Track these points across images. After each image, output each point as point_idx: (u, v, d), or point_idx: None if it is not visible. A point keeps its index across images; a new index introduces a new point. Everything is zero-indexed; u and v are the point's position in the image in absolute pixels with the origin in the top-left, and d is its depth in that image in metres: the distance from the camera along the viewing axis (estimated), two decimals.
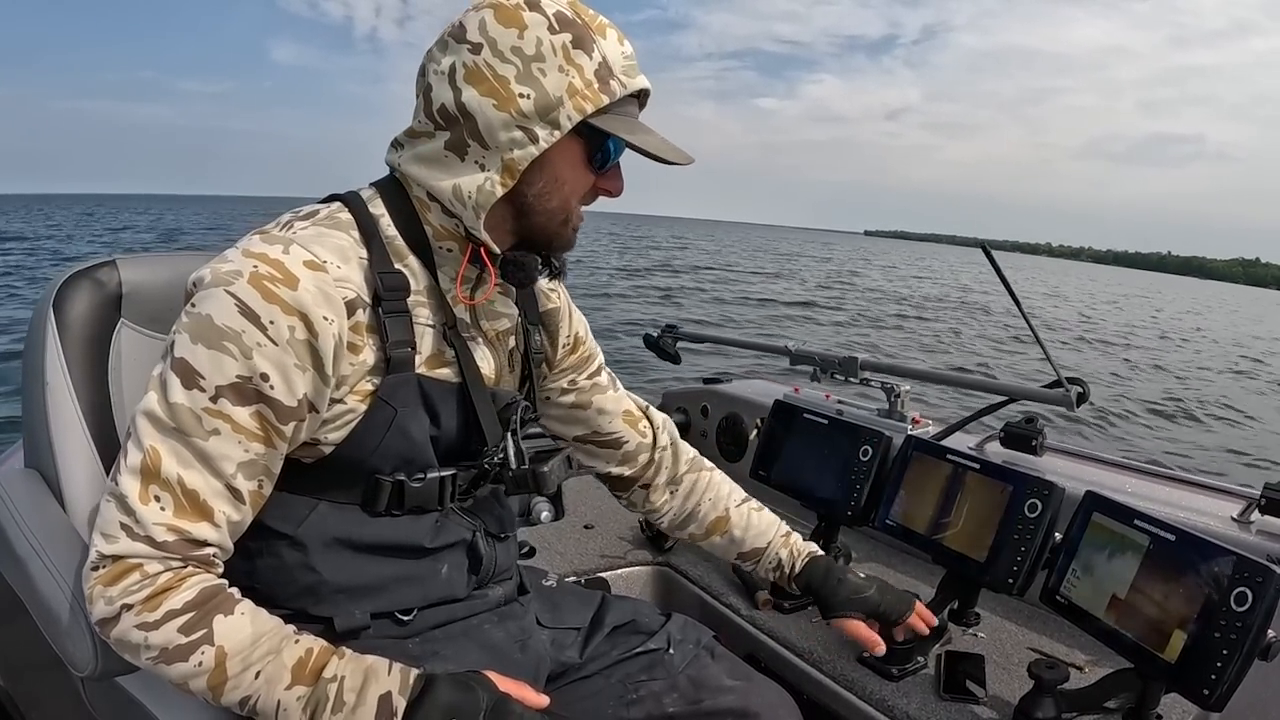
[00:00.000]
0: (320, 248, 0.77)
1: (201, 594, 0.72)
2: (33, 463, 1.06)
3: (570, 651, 0.99)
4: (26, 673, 1.18)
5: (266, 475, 0.77)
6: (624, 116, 0.81)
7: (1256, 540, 1.25)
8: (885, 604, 1.12)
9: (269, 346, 0.72)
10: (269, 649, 0.72)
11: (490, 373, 0.91)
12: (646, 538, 1.59)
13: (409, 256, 0.83)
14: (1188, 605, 0.96)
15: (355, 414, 0.80)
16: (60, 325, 1.03)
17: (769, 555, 1.18)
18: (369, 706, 0.70)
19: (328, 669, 0.72)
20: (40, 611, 0.84)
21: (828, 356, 1.89)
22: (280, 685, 0.71)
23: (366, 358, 0.79)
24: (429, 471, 0.85)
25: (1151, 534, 1.03)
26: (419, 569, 0.87)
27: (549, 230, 0.85)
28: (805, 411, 1.59)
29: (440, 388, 0.84)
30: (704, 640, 1.04)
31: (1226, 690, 0.90)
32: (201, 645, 0.71)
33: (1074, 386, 1.47)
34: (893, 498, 1.38)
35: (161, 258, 1.16)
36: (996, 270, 1.54)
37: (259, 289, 0.72)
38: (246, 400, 0.73)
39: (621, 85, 0.79)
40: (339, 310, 0.75)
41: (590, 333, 1.12)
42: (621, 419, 1.13)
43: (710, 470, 1.21)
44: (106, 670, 0.80)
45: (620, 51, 0.79)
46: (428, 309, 0.84)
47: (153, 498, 0.71)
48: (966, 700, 1.11)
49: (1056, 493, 1.17)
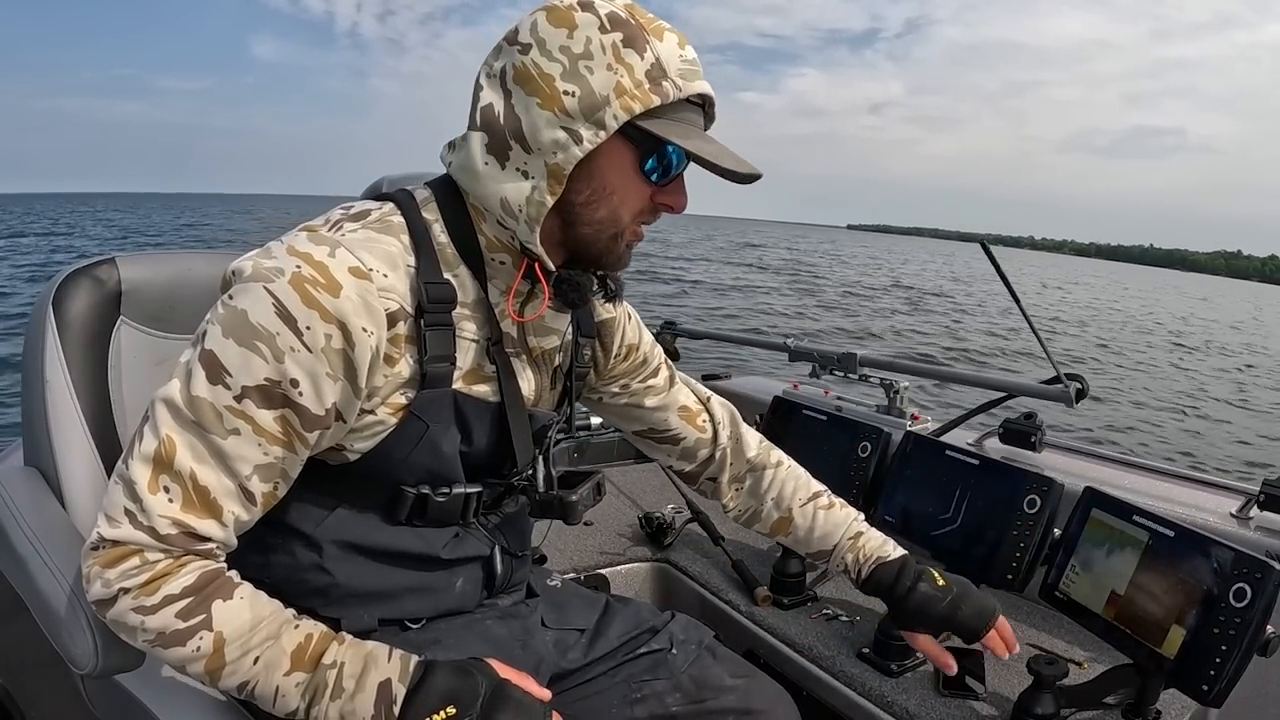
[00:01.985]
0: (368, 254, 0.73)
1: (200, 579, 0.71)
2: (32, 461, 1.06)
3: (574, 654, 0.98)
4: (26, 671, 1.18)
5: (283, 478, 0.75)
6: (680, 123, 0.75)
7: (1255, 536, 1.25)
8: (958, 618, 1.01)
9: (303, 353, 0.69)
10: (268, 634, 0.72)
11: (530, 393, 0.88)
12: (646, 535, 1.59)
13: (459, 266, 0.79)
14: (1187, 601, 0.96)
15: (385, 426, 0.77)
16: (60, 323, 1.03)
17: (836, 558, 1.11)
18: (368, 693, 0.70)
19: (327, 655, 0.72)
20: (40, 610, 0.84)
21: (827, 353, 1.89)
22: (279, 671, 0.71)
23: (402, 370, 0.76)
24: (454, 486, 0.83)
25: (1151, 530, 1.03)
26: (433, 580, 0.87)
27: (598, 244, 0.79)
28: (804, 408, 1.59)
29: (477, 406, 0.82)
30: (706, 640, 1.03)
31: (1225, 686, 0.90)
32: (200, 631, 0.70)
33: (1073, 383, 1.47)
34: (892, 494, 1.38)
35: (161, 256, 1.16)
36: (995, 266, 1.54)
37: (300, 292, 0.69)
38: (272, 404, 0.70)
39: (676, 88, 0.73)
40: (380, 322, 0.72)
41: (648, 337, 1.08)
42: (677, 414, 1.11)
43: (776, 466, 1.14)
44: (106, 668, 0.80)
45: (678, 54, 0.74)
46: (474, 322, 0.81)
47: (162, 488, 0.69)
48: (966, 696, 1.11)
49: (1055, 489, 1.17)
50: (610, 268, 0.83)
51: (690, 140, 0.74)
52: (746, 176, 0.76)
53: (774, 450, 1.16)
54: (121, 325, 1.09)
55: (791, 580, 1.37)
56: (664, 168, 0.76)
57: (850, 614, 1.34)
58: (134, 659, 0.82)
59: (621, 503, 1.75)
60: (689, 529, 1.59)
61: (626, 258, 0.82)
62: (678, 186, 0.79)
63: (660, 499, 1.71)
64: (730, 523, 1.67)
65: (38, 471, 1.04)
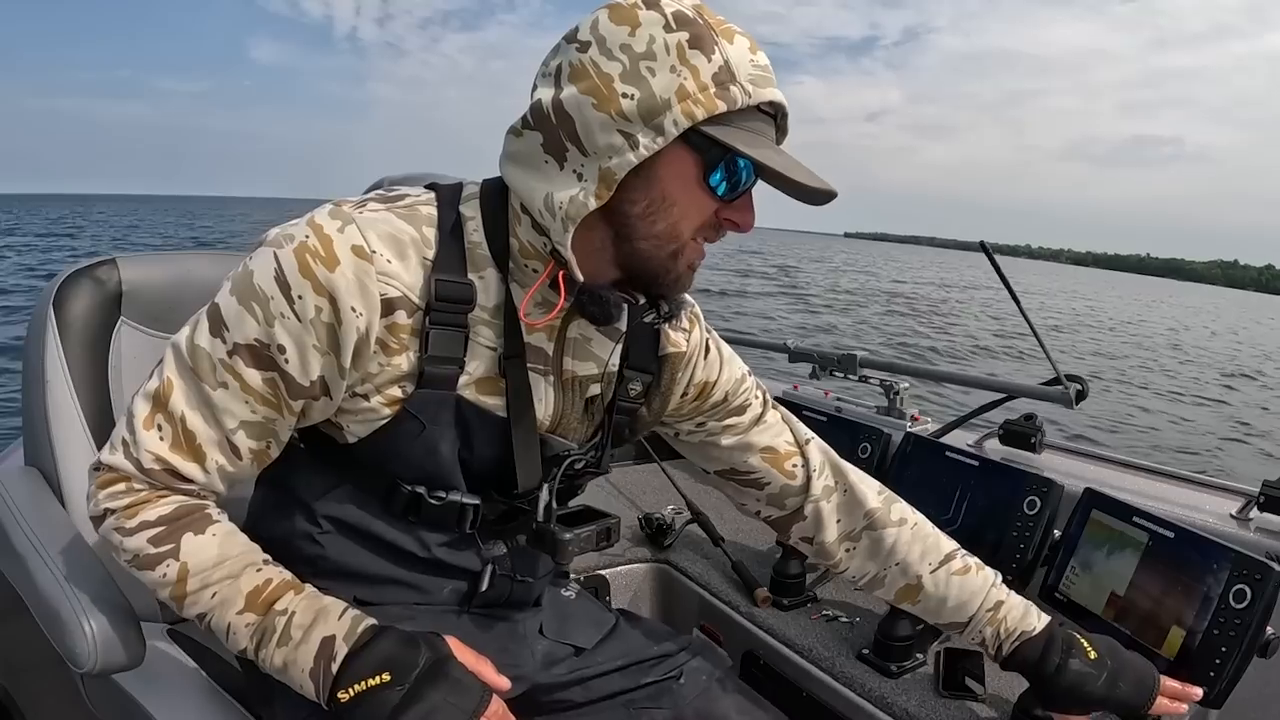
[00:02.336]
0: (375, 236, 0.72)
1: (177, 510, 0.74)
2: (33, 461, 1.06)
3: (559, 669, 0.93)
4: (26, 670, 1.18)
5: (275, 440, 0.77)
6: (749, 132, 0.69)
7: (1255, 538, 1.25)
8: (1115, 697, 0.90)
9: (292, 320, 0.70)
10: (229, 573, 0.74)
11: (546, 416, 0.83)
12: (646, 535, 1.59)
13: (487, 269, 0.76)
14: (1186, 602, 0.96)
15: (379, 416, 0.76)
16: (60, 324, 1.03)
17: (971, 631, 0.98)
18: (311, 645, 0.71)
19: (280, 602, 0.73)
20: (40, 609, 0.84)
21: (827, 353, 1.89)
22: (232, 609, 0.73)
23: (401, 363, 0.74)
24: (451, 493, 0.81)
25: (1150, 531, 1.03)
26: (420, 580, 0.85)
27: (655, 261, 0.73)
28: (804, 408, 1.59)
29: (482, 416, 0.78)
30: (719, 672, 0.98)
31: (1225, 687, 0.90)
32: (167, 559, 0.73)
33: (1073, 384, 1.47)
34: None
35: (161, 256, 1.17)
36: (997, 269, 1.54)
37: (299, 260, 0.70)
38: (260, 365, 0.72)
39: (746, 94, 0.68)
40: (373, 305, 0.71)
41: (735, 373, 0.98)
42: (761, 456, 0.98)
43: (900, 525, 0.99)
44: (106, 668, 0.81)
45: (749, 58, 0.69)
46: (492, 330, 0.77)
47: (155, 425, 0.73)
48: (965, 697, 1.11)
49: (1055, 490, 1.17)
50: (668, 289, 0.76)
51: (760, 151, 0.69)
52: (821, 194, 0.71)
53: (897, 504, 1.01)
54: (122, 325, 1.09)
55: (791, 581, 1.37)
56: (731, 180, 0.70)
57: (850, 615, 1.34)
58: (134, 659, 0.82)
59: (621, 503, 1.74)
60: (689, 530, 1.59)
61: (687, 280, 0.76)
62: (745, 203, 0.73)
63: (660, 499, 1.71)
64: (730, 523, 1.68)
65: (38, 471, 1.04)
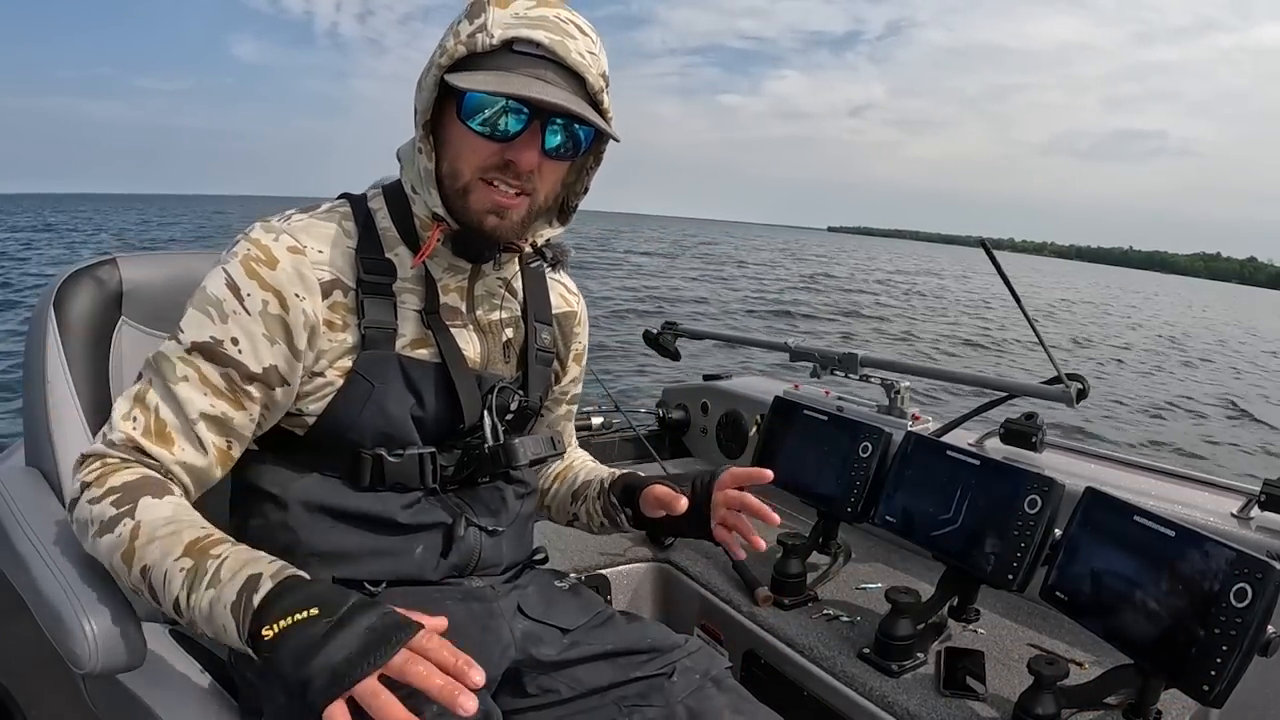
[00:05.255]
0: (305, 235, 0.85)
1: (142, 479, 0.79)
2: (34, 461, 1.06)
3: (547, 648, 0.95)
4: (26, 670, 1.18)
5: (235, 438, 0.84)
6: (500, 70, 0.78)
7: (1256, 536, 1.25)
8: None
9: (242, 315, 0.82)
10: (174, 529, 0.75)
11: (475, 356, 0.94)
12: (647, 535, 1.59)
13: (399, 246, 0.90)
14: (1187, 601, 0.96)
15: (333, 387, 0.86)
16: (61, 324, 1.03)
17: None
18: (237, 581, 0.69)
19: (215, 549, 0.73)
20: (40, 609, 0.84)
21: (827, 353, 1.89)
22: (171, 557, 0.73)
23: (347, 337, 0.86)
24: (409, 448, 0.89)
25: (1151, 530, 1.03)
26: (392, 544, 0.90)
27: (450, 200, 0.85)
28: (805, 408, 1.59)
29: (421, 367, 0.89)
30: (714, 670, 0.98)
31: (1226, 686, 0.90)
32: (124, 518, 0.76)
33: (1074, 383, 1.47)
34: (893, 494, 1.38)
35: (162, 256, 1.17)
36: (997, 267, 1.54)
37: (245, 267, 0.82)
38: (214, 360, 0.82)
39: (489, 36, 0.78)
40: (312, 289, 0.83)
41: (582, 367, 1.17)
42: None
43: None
44: (106, 668, 0.81)
45: (513, 12, 0.78)
46: (415, 295, 0.90)
47: (131, 417, 0.82)
48: (966, 696, 1.11)
49: (1056, 489, 1.17)
50: (477, 229, 0.85)
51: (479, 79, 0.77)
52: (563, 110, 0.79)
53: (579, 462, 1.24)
54: (123, 325, 1.09)
55: (792, 580, 1.37)
56: (475, 112, 0.79)
57: (851, 614, 1.34)
58: (134, 659, 0.82)
59: None
60: None
61: (491, 222, 0.84)
62: (524, 141, 0.81)
63: None
64: None
65: (38, 471, 1.04)
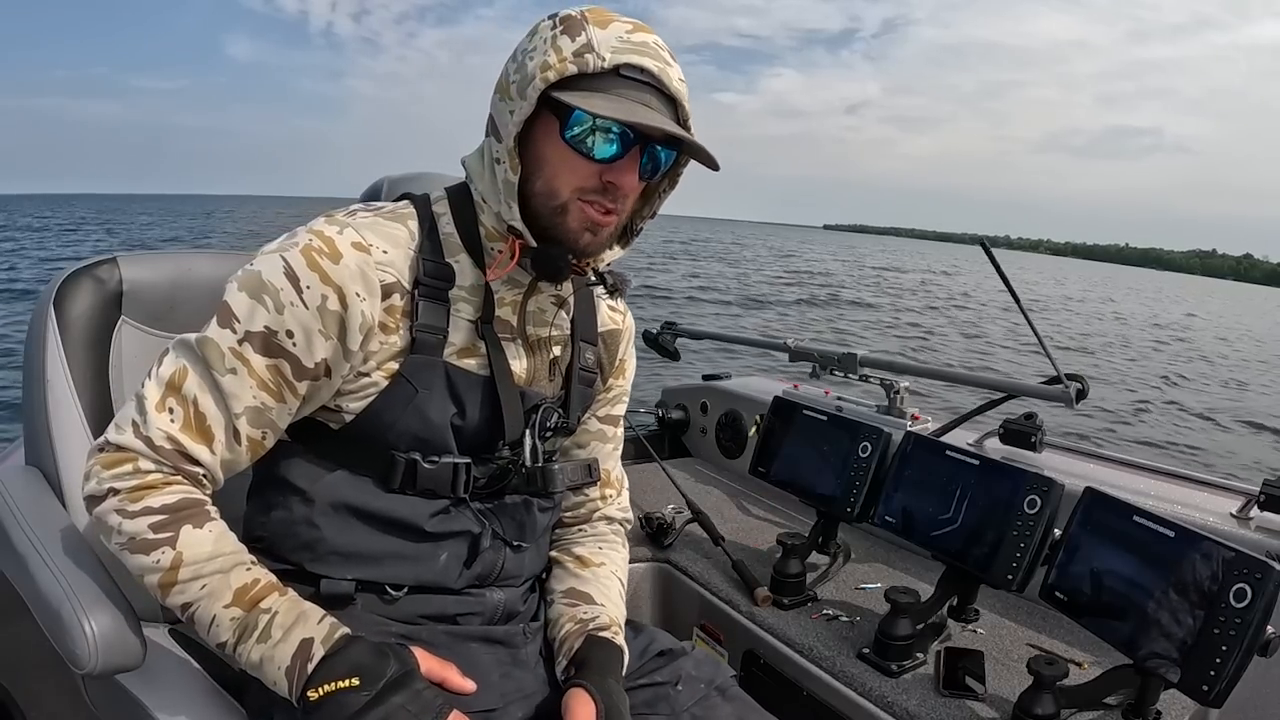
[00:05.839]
0: (371, 233, 0.83)
1: (181, 501, 0.78)
2: (33, 460, 1.06)
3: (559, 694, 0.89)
4: (26, 670, 1.18)
5: (271, 429, 0.83)
6: (605, 93, 0.78)
7: (1256, 536, 1.26)
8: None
9: (300, 308, 0.79)
10: (220, 567, 0.77)
11: (522, 373, 0.91)
12: (646, 535, 1.60)
13: (461, 254, 0.88)
14: (1187, 601, 0.96)
15: (377, 387, 0.84)
16: (61, 323, 1.03)
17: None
18: (290, 645, 0.75)
19: (265, 601, 0.77)
20: (40, 609, 0.84)
21: (827, 353, 1.89)
22: (220, 602, 0.76)
23: (397, 340, 0.84)
24: (444, 456, 0.87)
25: (1151, 530, 1.03)
26: (416, 550, 0.88)
27: (543, 218, 0.83)
28: (804, 408, 1.59)
29: (467, 378, 0.87)
30: (719, 680, 0.98)
31: (1226, 686, 0.90)
32: (164, 546, 0.76)
33: (1073, 383, 1.47)
34: (892, 494, 1.38)
35: (162, 256, 1.17)
36: (996, 267, 1.54)
37: (307, 258, 0.79)
38: (268, 352, 0.79)
39: (600, 59, 0.77)
40: (374, 290, 0.81)
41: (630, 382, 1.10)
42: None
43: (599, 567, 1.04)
44: (106, 668, 0.81)
45: (616, 35, 0.78)
46: (470, 305, 0.88)
47: (167, 408, 0.78)
48: (966, 697, 1.11)
49: (1056, 489, 1.17)
50: (571, 246, 0.84)
51: (596, 102, 0.76)
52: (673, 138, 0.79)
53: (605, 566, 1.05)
54: (123, 325, 1.09)
55: (792, 580, 1.37)
56: (582, 134, 0.79)
57: (850, 614, 1.34)
58: (135, 659, 0.82)
59: None
60: (689, 529, 1.59)
61: (586, 239, 0.84)
62: (625, 164, 0.81)
63: (660, 499, 1.71)
64: (730, 523, 1.68)
65: (39, 471, 1.04)
